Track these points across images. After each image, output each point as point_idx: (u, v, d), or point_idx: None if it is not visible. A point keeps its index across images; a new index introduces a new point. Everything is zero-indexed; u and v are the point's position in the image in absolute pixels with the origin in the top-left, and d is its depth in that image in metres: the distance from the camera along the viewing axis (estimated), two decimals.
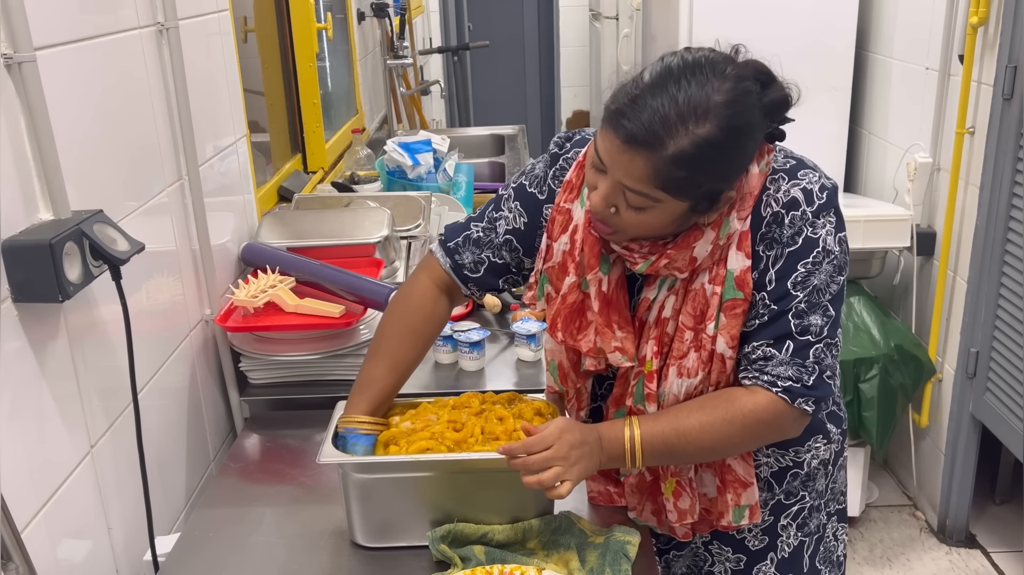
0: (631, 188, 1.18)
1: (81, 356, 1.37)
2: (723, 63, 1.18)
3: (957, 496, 2.95)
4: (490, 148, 4.04)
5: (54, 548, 1.29)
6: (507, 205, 1.45)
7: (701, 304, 1.28)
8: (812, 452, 1.44)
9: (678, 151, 1.14)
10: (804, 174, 1.27)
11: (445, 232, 1.51)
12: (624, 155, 1.16)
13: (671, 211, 1.20)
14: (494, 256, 1.46)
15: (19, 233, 1.21)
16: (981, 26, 2.60)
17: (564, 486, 1.26)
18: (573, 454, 1.27)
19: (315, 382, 1.93)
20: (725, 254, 1.27)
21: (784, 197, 1.25)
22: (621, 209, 1.22)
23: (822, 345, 1.28)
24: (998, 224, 2.59)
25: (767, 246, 1.27)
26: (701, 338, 1.29)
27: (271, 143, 2.77)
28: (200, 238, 1.84)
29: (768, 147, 1.28)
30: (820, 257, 1.26)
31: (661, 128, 1.13)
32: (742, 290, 1.26)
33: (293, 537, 1.49)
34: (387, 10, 4.19)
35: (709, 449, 1.31)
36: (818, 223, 1.25)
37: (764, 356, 1.28)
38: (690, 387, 1.32)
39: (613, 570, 1.32)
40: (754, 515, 1.40)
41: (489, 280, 1.48)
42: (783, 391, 1.27)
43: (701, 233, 1.25)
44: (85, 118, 1.41)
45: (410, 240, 2.30)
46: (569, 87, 7.18)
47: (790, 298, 1.26)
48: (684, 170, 1.15)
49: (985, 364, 2.71)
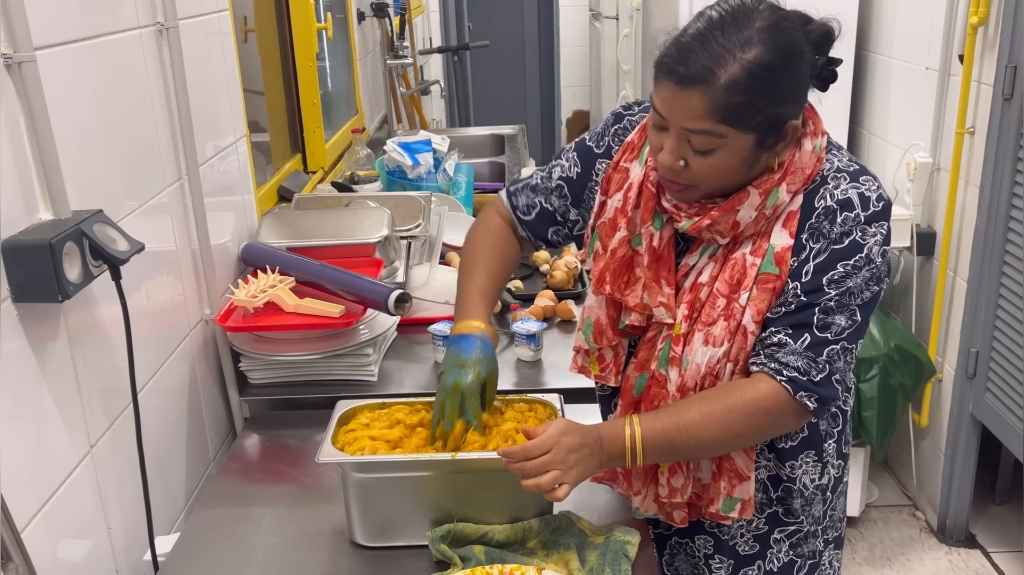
0: (694, 129, 1.20)
1: (81, 356, 1.37)
2: (758, 2, 1.23)
3: (957, 496, 2.95)
4: (490, 148, 4.04)
5: (54, 548, 1.29)
6: (566, 155, 1.51)
7: (739, 273, 1.30)
8: (804, 468, 1.43)
9: (731, 78, 1.16)
10: (866, 180, 1.29)
11: (511, 183, 1.59)
12: (681, 97, 1.19)
13: (739, 149, 1.21)
14: (545, 202, 1.51)
15: (19, 233, 1.21)
16: (981, 26, 2.60)
17: (562, 489, 1.27)
18: (571, 458, 1.28)
19: (315, 382, 1.93)
20: (770, 228, 1.29)
21: (841, 195, 1.27)
22: (690, 159, 1.23)
23: (839, 347, 1.28)
24: (998, 224, 2.59)
25: (813, 237, 1.28)
26: (732, 307, 1.30)
27: (271, 143, 2.77)
28: (200, 238, 1.84)
29: (821, 128, 1.30)
30: (861, 263, 1.27)
31: (711, 62, 1.17)
32: (779, 266, 1.28)
33: (293, 537, 1.49)
34: (387, 10, 4.19)
35: (710, 440, 1.30)
36: (868, 230, 1.27)
37: (778, 343, 1.28)
38: (712, 359, 1.31)
39: (613, 570, 1.32)
40: (745, 510, 1.39)
41: (539, 227, 1.53)
42: (787, 380, 1.27)
43: (747, 195, 1.27)
44: (85, 118, 1.41)
45: (410, 240, 2.30)
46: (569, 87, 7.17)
47: (821, 293, 1.27)
48: (740, 95, 1.17)
49: (985, 364, 2.71)
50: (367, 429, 1.46)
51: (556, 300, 2.21)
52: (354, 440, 1.43)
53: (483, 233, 1.57)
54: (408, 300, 1.87)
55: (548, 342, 2.04)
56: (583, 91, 7.12)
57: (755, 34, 1.18)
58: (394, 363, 2.02)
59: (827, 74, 1.28)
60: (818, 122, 1.31)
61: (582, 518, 1.44)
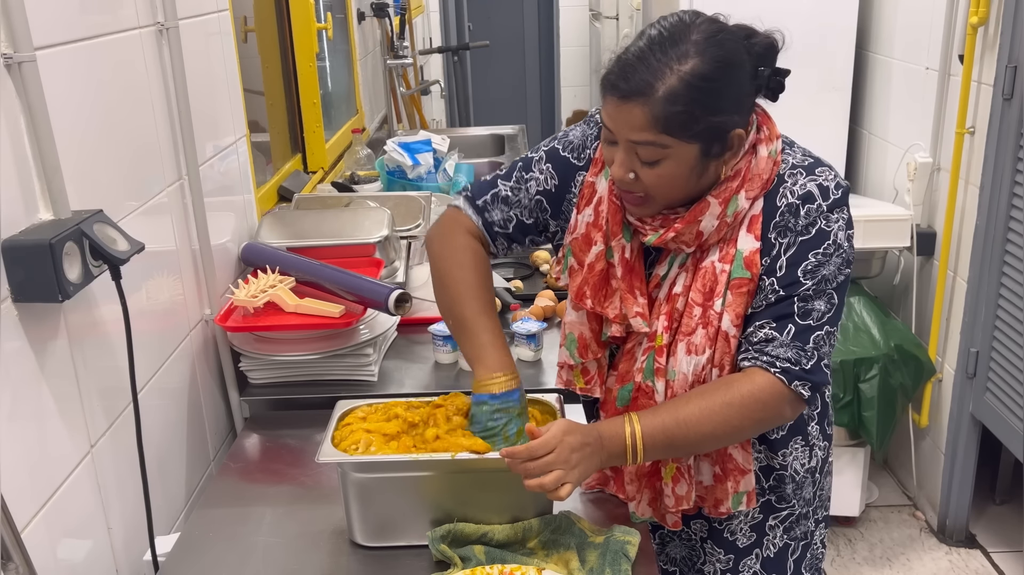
0: (638, 140, 1.24)
1: (81, 356, 1.37)
2: (696, 16, 1.27)
3: (957, 496, 2.95)
4: (490, 148, 4.04)
5: (54, 548, 1.29)
6: (538, 167, 1.48)
7: (710, 281, 1.33)
8: (794, 455, 1.47)
9: (668, 89, 1.20)
10: (821, 171, 1.33)
11: (471, 189, 1.52)
12: (623, 111, 1.23)
13: (685, 158, 1.25)
14: (523, 215, 1.49)
15: (19, 233, 1.21)
16: (981, 26, 2.60)
17: (564, 488, 1.27)
18: (574, 457, 1.28)
19: (315, 382, 1.93)
20: (735, 235, 1.32)
21: (800, 190, 1.31)
22: (639, 171, 1.27)
23: (823, 332, 1.32)
24: (998, 224, 2.59)
25: (780, 234, 1.32)
26: (709, 314, 1.33)
27: (271, 143, 2.77)
28: (200, 238, 1.84)
29: (775, 132, 1.34)
30: (831, 249, 1.31)
31: (649, 75, 1.21)
32: (750, 270, 1.31)
33: (293, 537, 1.49)
34: (387, 10, 4.19)
35: (709, 434, 1.32)
36: (832, 217, 1.31)
37: (765, 338, 1.32)
38: (697, 367, 1.34)
39: (613, 570, 1.32)
40: (751, 500, 1.43)
41: (516, 236, 1.52)
42: (781, 372, 1.30)
43: (707, 205, 1.30)
44: (85, 118, 1.41)
45: (410, 240, 2.30)
46: (569, 87, 7.18)
47: (798, 284, 1.31)
48: (678, 105, 1.20)
49: (985, 364, 2.71)
50: (363, 422, 1.46)
51: (556, 300, 2.21)
52: (350, 434, 1.43)
53: (461, 256, 1.47)
54: (408, 300, 1.87)
55: (548, 342, 2.04)
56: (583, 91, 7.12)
57: (691, 47, 1.22)
58: (394, 363, 2.02)
59: (774, 84, 1.31)
60: (772, 127, 1.35)
61: (582, 518, 1.44)
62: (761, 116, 1.35)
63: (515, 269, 2.52)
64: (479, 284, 1.45)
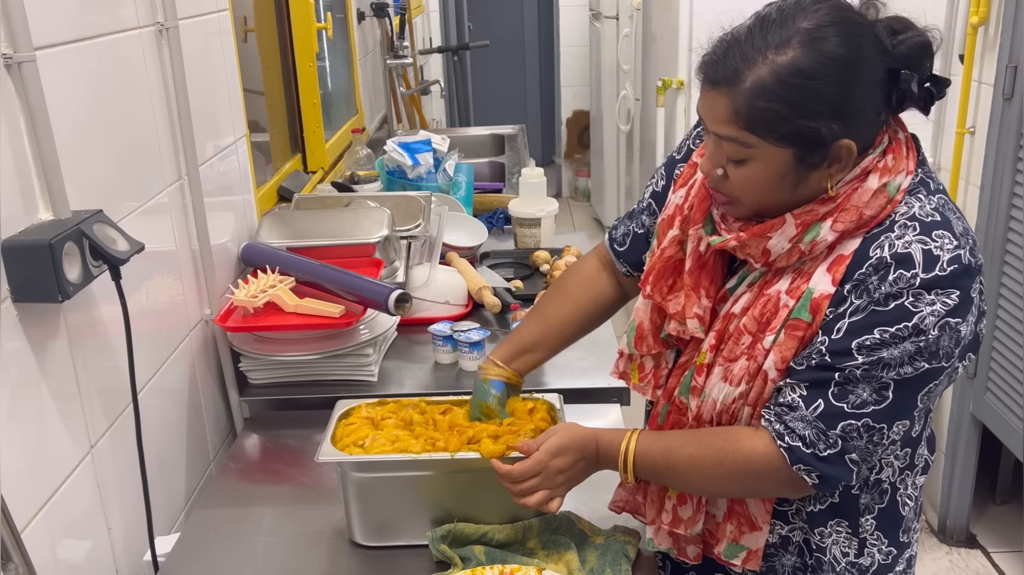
0: (721, 134, 1.10)
1: (81, 356, 1.37)
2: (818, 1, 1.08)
3: (957, 496, 2.95)
4: (490, 148, 4.04)
5: (54, 548, 1.28)
6: (656, 173, 1.40)
7: (770, 312, 1.16)
8: (834, 538, 1.27)
9: (757, 81, 1.05)
10: (940, 235, 1.07)
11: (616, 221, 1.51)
12: (708, 99, 1.10)
13: (773, 162, 1.09)
14: (636, 225, 1.41)
15: (19, 233, 1.21)
16: (981, 26, 2.60)
17: (554, 503, 1.28)
18: (559, 478, 1.28)
19: (315, 382, 1.93)
20: (812, 269, 1.14)
21: (902, 248, 1.07)
22: (727, 169, 1.13)
23: (859, 424, 1.11)
24: (998, 224, 2.59)
25: (856, 291, 1.10)
26: (756, 347, 1.17)
27: (271, 143, 2.77)
28: (200, 238, 1.84)
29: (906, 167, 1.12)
30: (906, 333, 1.07)
31: (740, 62, 1.06)
32: (813, 314, 1.12)
33: (293, 537, 1.49)
34: (387, 10, 4.19)
35: (694, 484, 1.24)
36: (924, 297, 1.06)
37: (790, 404, 1.14)
38: (727, 398, 1.20)
39: (613, 570, 1.32)
40: (749, 561, 1.27)
41: (634, 254, 1.42)
42: (787, 448, 1.14)
43: (783, 223, 1.13)
44: (85, 118, 1.41)
45: (410, 240, 2.30)
46: (569, 87, 7.17)
47: (848, 358, 1.10)
48: (766, 101, 1.05)
49: (985, 364, 2.71)
50: (367, 420, 1.46)
51: None
52: (352, 431, 1.43)
53: (561, 278, 1.48)
54: (408, 300, 1.87)
55: None
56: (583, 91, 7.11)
57: (797, 35, 1.04)
58: (394, 363, 2.02)
59: (924, 94, 1.10)
60: (902, 159, 1.13)
61: (582, 518, 1.44)
62: (895, 141, 1.13)
63: (515, 269, 2.52)
64: (551, 293, 1.50)
